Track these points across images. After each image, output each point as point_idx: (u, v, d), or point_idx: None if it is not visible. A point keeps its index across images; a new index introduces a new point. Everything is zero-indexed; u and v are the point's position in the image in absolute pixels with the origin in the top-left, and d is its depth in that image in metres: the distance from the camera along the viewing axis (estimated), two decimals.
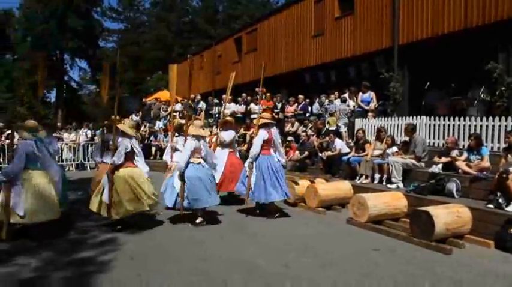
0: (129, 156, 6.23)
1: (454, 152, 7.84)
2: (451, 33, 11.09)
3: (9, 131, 15.19)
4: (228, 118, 9.13)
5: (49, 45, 34.26)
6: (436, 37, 11.47)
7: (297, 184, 8.47)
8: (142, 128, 16.99)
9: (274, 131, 7.53)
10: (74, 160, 16.30)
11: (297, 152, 11.39)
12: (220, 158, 8.09)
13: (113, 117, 7.44)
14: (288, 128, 13.31)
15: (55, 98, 37.90)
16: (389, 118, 10.99)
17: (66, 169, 14.99)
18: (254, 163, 7.22)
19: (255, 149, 7.26)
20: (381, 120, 11.04)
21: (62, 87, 37.55)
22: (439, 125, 9.74)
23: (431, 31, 11.60)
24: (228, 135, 8.54)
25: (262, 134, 7.30)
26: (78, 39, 35.23)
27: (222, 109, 10.30)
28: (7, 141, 14.71)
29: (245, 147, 11.66)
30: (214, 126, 12.06)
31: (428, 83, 11.26)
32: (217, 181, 7.39)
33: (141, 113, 19.48)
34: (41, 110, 6.81)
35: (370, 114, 11.50)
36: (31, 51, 33.11)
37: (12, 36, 39.69)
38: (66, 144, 16.30)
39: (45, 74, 6.28)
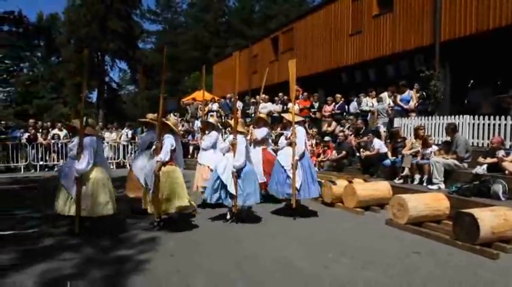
0: (172, 154, 6.20)
1: (500, 153, 7.54)
2: (496, 28, 10.65)
3: (55, 130, 15.94)
4: (261, 115, 9.01)
5: (91, 47, 35.45)
6: (481, 33, 11.04)
7: (334, 184, 8.39)
8: (180, 127, 17.30)
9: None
10: (114, 159, 16.80)
11: (334, 151, 11.28)
12: (255, 157, 7.92)
13: (150, 115, 7.58)
14: (325, 127, 13.21)
15: (96, 98, 39.17)
16: (430, 117, 10.69)
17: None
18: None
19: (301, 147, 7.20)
20: (421, 119, 10.77)
21: (102, 88, 38.79)
22: (483, 125, 9.40)
23: (476, 27, 11.18)
24: (259, 132, 8.44)
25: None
26: (119, 41, 36.25)
27: (258, 108, 10.28)
28: (53, 141, 15.41)
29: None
30: (251, 126, 12.09)
31: (471, 81, 10.88)
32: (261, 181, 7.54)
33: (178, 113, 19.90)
34: (82, 110, 6.89)
35: (412, 114, 11.24)
36: (75, 53, 34.40)
37: (58, 39, 41.45)
38: (107, 143, 16.81)
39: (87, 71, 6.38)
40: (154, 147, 6.27)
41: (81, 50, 32.97)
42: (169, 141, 6.14)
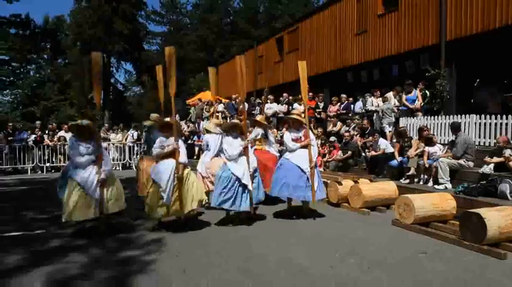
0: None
1: (507, 152, 7.48)
2: (503, 27, 10.57)
3: (62, 132, 16.02)
4: (257, 118, 8.95)
5: (96, 49, 35.57)
6: (487, 32, 10.96)
7: (340, 184, 8.36)
8: (185, 128, 17.34)
9: None
10: (120, 160, 16.87)
11: (340, 151, 11.25)
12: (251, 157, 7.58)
13: (154, 115, 7.63)
14: (330, 127, 13.17)
15: (102, 100, 39.31)
16: (437, 117, 10.64)
17: (113, 168, 15.50)
18: None
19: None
20: (427, 119, 10.72)
21: (108, 89, 38.94)
22: (490, 124, 9.35)
23: (482, 26, 11.11)
24: (253, 133, 8.50)
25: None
26: (124, 43, 36.37)
27: (262, 109, 10.32)
28: (59, 142, 15.50)
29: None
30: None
31: (478, 80, 10.81)
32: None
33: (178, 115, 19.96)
34: (89, 112, 6.90)
35: (419, 113, 11.19)
36: (81, 55, 34.56)
37: (64, 41, 41.70)
38: (113, 144, 16.88)
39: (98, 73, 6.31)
40: (160, 150, 6.31)
41: (87, 52, 33.22)
42: (183, 144, 6.41)
